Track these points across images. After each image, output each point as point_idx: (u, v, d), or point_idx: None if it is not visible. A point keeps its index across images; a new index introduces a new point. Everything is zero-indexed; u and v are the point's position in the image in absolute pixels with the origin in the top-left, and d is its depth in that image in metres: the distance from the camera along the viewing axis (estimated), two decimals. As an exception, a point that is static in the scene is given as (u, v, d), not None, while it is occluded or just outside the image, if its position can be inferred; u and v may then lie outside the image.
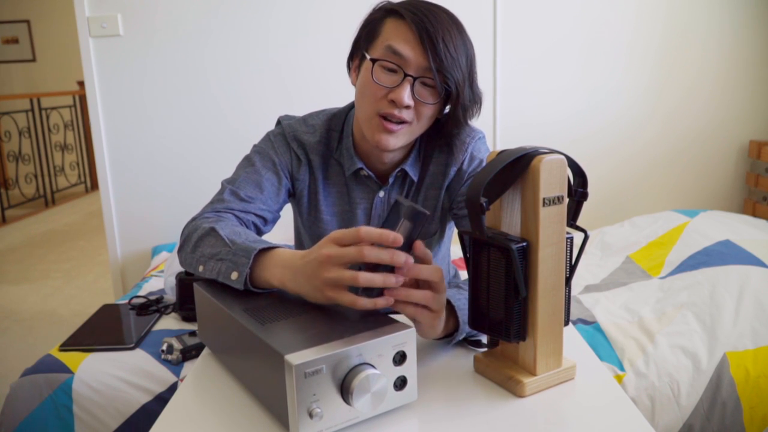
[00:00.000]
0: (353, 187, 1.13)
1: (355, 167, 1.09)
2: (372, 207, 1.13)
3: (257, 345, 0.71)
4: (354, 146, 1.10)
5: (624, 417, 0.72)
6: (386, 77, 0.97)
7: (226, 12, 2.33)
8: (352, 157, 1.10)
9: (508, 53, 2.40)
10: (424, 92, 0.98)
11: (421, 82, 0.97)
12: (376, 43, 0.99)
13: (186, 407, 0.77)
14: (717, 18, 2.42)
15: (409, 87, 0.96)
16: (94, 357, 1.41)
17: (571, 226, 0.79)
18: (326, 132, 1.13)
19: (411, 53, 0.95)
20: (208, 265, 0.89)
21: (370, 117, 0.99)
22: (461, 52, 0.97)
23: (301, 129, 1.13)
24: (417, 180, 1.12)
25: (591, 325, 1.58)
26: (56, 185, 5.56)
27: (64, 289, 3.28)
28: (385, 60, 0.96)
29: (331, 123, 1.14)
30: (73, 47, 5.60)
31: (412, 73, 0.96)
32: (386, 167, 1.11)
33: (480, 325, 0.79)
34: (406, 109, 0.97)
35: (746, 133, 2.53)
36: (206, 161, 2.42)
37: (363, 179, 1.12)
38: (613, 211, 2.54)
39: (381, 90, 0.97)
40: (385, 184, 1.12)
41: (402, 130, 0.99)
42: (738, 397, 1.39)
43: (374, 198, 1.13)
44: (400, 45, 0.95)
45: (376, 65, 0.97)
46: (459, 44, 0.97)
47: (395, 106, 0.97)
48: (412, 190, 1.14)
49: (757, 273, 1.63)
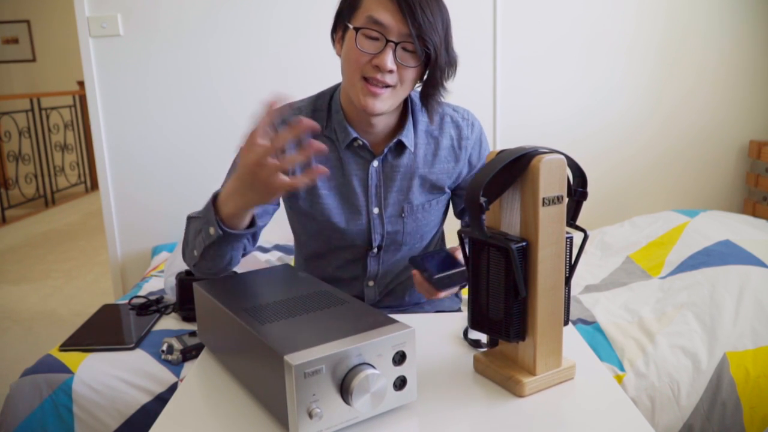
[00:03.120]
0: (347, 160, 1.17)
1: (350, 138, 1.14)
2: (368, 177, 1.17)
3: (257, 345, 0.71)
4: (346, 120, 1.15)
5: (624, 417, 0.72)
6: (369, 44, 1.03)
7: (227, 11, 2.33)
8: (345, 129, 1.14)
9: (508, 53, 2.40)
10: (406, 56, 1.04)
11: (402, 48, 1.03)
12: (357, 13, 1.05)
13: (186, 407, 0.77)
14: (717, 18, 2.42)
15: (392, 52, 1.02)
16: (94, 357, 1.41)
17: (570, 226, 0.79)
18: (312, 112, 1.18)
19: (391, 20, 1.01)
20: (196, 243, 1.01)
21: (355, 82, 1.06)
22: (438, 17, 1.03)
23: (288, 113, 1.18)
24: (424, 156, 1.19)
25: (591, 325, 1.58)
26: (56, 185, 5.56)
27: (64, 289, 3.28)
28: (368, 28, 1.02)
29: (316, 103, 1.20)
30: (73, 47, 5.59)
31: (393, 39, 1.02)
32: (378, 137, 1.16)
33: (480, 324, 0.79)
34: (390, 73, 1.03)
35: (746, 133, 2.53)
36: (206, 161, 2.42)
37: (356, 150, 1.17)
38: (613, 211, 2.54)
39: (365, 56, 1.03)
40: (379, 154, 1.16)
41: (386, 93, 1.06)
42: (738, 397, 1.39)
43: (369, 167, 1.17)
44: (381, 14, 1.01)
45: (359, 33, 1.03)
46: (435, 10, 1.03)
47: (379, 70, 1.03)
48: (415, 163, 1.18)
49: (757, 273, 1.63)
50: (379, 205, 1.19)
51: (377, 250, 1.22)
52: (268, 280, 0.94)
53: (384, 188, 1.18)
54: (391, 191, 1.19)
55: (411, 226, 1.21)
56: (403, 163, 1.18)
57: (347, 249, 1.22)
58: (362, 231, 1.20)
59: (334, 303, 0.80)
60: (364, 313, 0.76)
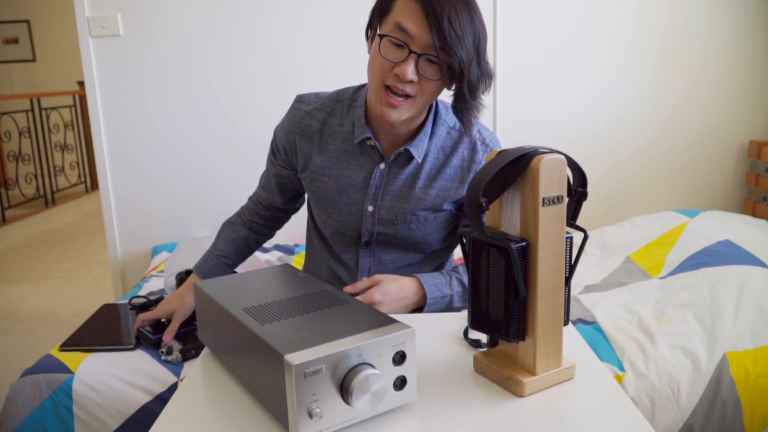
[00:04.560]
0: (356, 154, 1.18)
1: (364, 136, 1.15)
2: (371, 177, 1.18)
3: (257, 345, 0.71)
4: (366, 116, 1.16)
5: (624, 417, 0.72)
6: (393, 52, 1.02)
7: (227, 11, 2.33)
8: (362, 126, 1.15)
9: (508, 52, 2.40)
10: (428, 68, 1.02)
11: (425, 59, 1.01)
12: (387, 18, 1.04)
13: (186, 407, 0.77)
14: (717, 18, 2.42)
15: (413, 63, 1.01)
16: (94, 357, 1.41)
17: (570, 226, 0.79)
18: (332, 102, 1.20)
19: (416, 30, 0.99)
20: None
21: (377, 88, 1.05)
22: (468, 30, 1.00)
23: (308, 99, 1.23)
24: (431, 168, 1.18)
25: (591, 325, 1.58)
26: (56, 185, 5.56)
27: (64, 289, 3.28)
28: (392, 36, 1.01)
29: (340, 94, 1.22)
30: (73, 47, 5.60)
31: (416, 50, 1.00)
32: (393, 141, 1.17)
33: (480, 324, 0.79)
34: (410, 83, 1.02)
35: (746, 133, 2.53)
36: (207, 161, 2.42)
37: (368, 149, 1.17)
38: (613, 211, 2.54)
39: (387, 64, 1.02)
40: (388, 158, 1.17)
41: (405, 104, 1.05)
42: (738, 397, 1.39)
43: (374, 169, 1.18)
44: (407, 22, 1.00)
45: (384, 40, 1.02)
46: (466, 22, 0.99)
47: (399, 80, 1.02)
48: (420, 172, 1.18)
49: (757, 273, 1.63)
50: (374, 204, 1.20)
51: (365, 246, 1.23)
52: (268, 280, 0.94)
53: (383, 191, 1.19)
54: (388, 195, 1.19)
55: (403, 233, 1.21)
56: (408, 172, 1.18)
57: (341, 235, 1.25)
58: (353, 222, 1.21)
59: (334, 303, 0.80)
60: (364, 313, 0.76)
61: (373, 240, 1.23)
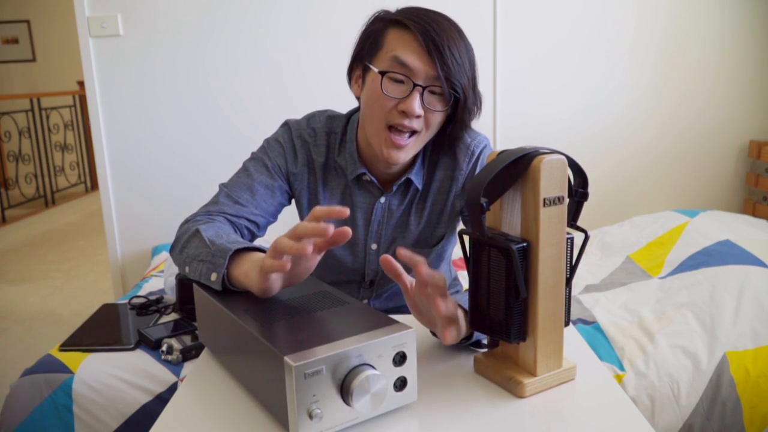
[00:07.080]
0: (355, 191, 1.13)
1: (358, 173, 1.10)
2: (372, 212, 1.14)
3: (257, 345, 0.71)
4: (358, 152, 1.10)
5: (624, 417, 0.72)
6: (395, 88, 0.98)
7: (227, 12, 2.33)
8: (355, 163, 1.10)
9: (508, 53, 2.40)
10: (433, 100, 0.99)
11: (429, 91, 0.97)
12: (380, 54, 0.99)
13: (186, 407, 0.77)
14: (717, 18, 2.42)
15: (419, 96, 0.97)
16: (94, 357, 1.41)
17: (571, 227, 0.79)
18: (326, 135, 1.13)
19: (419, 63, 0.95)
20: (192, 266, 0.90)
21: (380, 130, 1.00)
22: (465, 57, 0.98)
23: (306, 131, 1.14)
24: (422, 188, 1.13)
25: (591, 325, 1.58)
26: (56, 185, 5.56)
27: (64, 289, 3.28)
28: (393, 72, 0.97)
29: (331, 125, 1.14)
30: (73, 47, 5.59)
31: (420, 83, 0.96)
32: (389, 174, 1.12)
33: (480, 325, 0.79)
34: (417, 118, 0.98)
35: (746, 133, 2.53)
36: (206, 161, 2.42)
37: (365, 184, 1.12)
38: (613, 211, 2.54)
39: (390, 101, 0.98)
40: (388, 190, 1.12)
41: (411, 142, 1.01)
42: (738, 397, 1.39)
43: (375, 203, 1.13)
44: (407, 55, 0.96)
45: (384, 77, 0.97)
46: (462, 50, 0.98)
47: (405, 116, 0.97)
48: (416, 197, 1.14)
49: (757, 273, 1.63)
50: (377, 241, 1.15)
51: (370, 285, 1.20)
52: (269, 281, 0.93)
53: (385, 225, 1.15)
54: (390, 227, 1.15)
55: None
56: (407, 201, 1.14)
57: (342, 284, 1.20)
58: (357, 265, 1.17)
59: (334, 303, 0.80)
60: (365, 313, 0.76)
61: (378, 278, 1.19)
